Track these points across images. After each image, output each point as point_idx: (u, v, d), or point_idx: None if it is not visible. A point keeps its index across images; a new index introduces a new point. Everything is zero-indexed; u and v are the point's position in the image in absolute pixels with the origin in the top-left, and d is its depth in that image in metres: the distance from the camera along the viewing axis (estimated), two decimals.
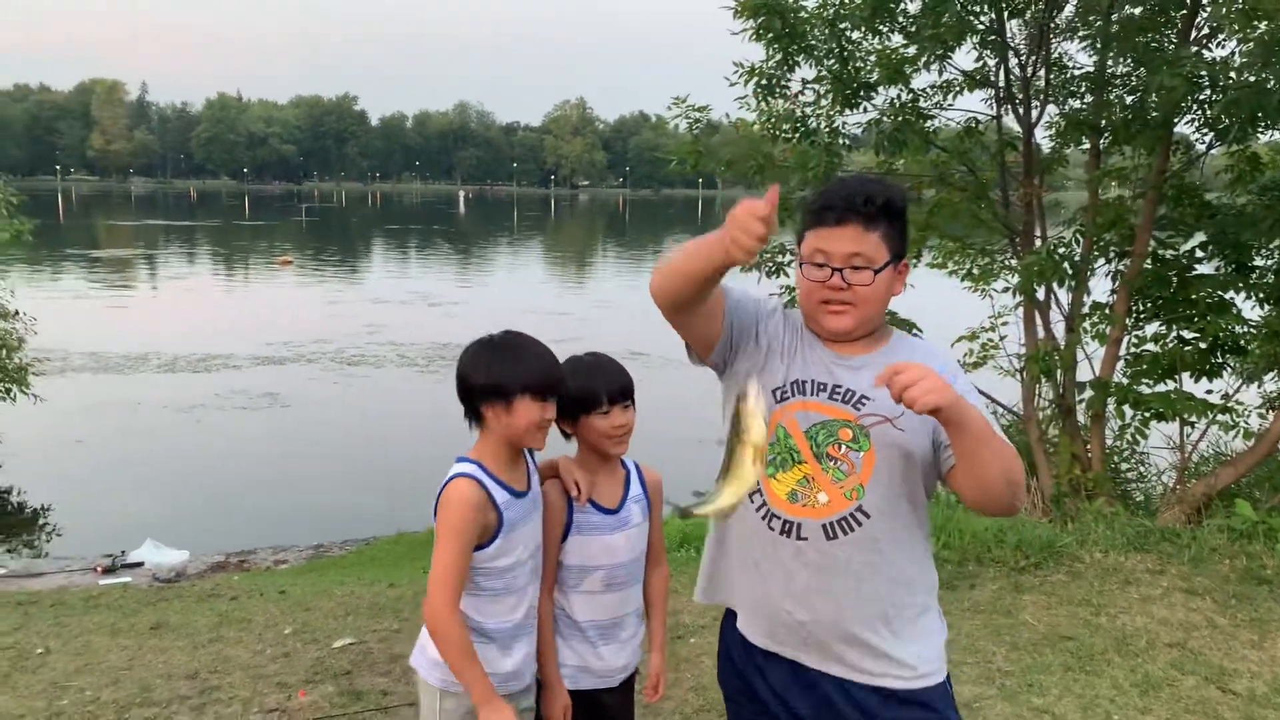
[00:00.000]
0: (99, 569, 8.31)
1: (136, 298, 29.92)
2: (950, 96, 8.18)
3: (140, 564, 8.45)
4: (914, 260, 8.94)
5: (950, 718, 2.10)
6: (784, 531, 2.04)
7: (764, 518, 2.07)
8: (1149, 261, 7.65)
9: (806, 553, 2.03)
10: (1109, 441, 8.28)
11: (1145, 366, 7.82)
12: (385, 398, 15.34)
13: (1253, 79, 6.15)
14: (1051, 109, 8.22)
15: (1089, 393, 7.70)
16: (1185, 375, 7.67)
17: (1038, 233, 8.13)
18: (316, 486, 11.30)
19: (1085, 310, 7.65)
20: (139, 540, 8.80)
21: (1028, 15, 8.03)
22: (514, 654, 2.36)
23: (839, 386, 2.04)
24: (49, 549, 9.68)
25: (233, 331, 21.39)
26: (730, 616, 2.25)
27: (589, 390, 2.46)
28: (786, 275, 8.26)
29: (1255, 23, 6.14)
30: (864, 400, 2.01)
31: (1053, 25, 7.92)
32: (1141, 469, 9.31)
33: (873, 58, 7.80)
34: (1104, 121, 7.76)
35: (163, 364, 18.14)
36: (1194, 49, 6.80)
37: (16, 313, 12.95)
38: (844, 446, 2.01)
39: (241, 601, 5.81)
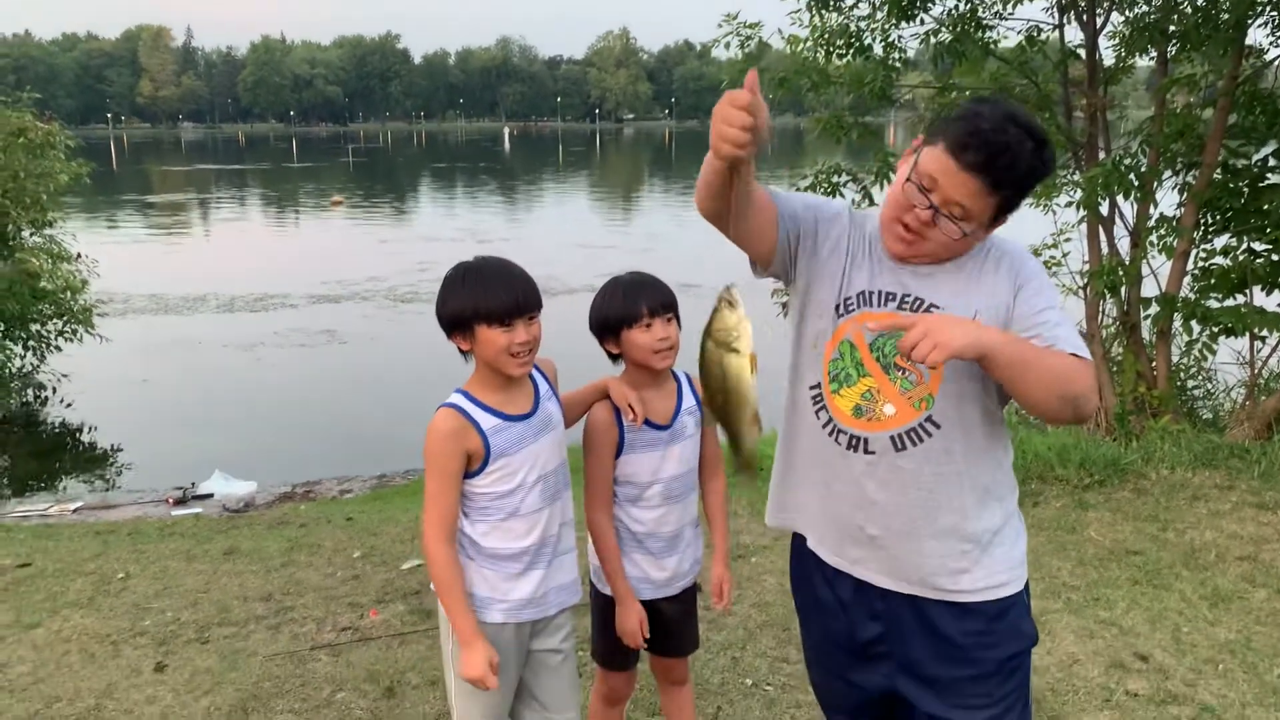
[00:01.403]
0: (170, 501, 8.54)
1: (192, 241, 30.35)
2: (1010, 6, 7.89)
3: (210, 495, 8.66)
4: None
5: (1024, 628, 2.06)
6: (851, 446, 1.99)
7: (830, 434, 2.02)
8: (1218, 172, 7.38)
9: (876, 467, 1.98)
10: (1175, 358, 8.10)
11: (1214, 281, 7.59)
12: (439, 332, 15.40)
13: None
14: (1116, 16, 7.91)
15: (1154, 308, 7.50)
16: (1256, 289, 7.44)
17: (1101, 145, 7.89)
18: (377, 419, 11.46)
19: (1151, 224, 7.42)
20: (207, 473, 9.02)
21: None
22: (529, 580, 2.34)
23: (908, 295, 1.96)
24: (121, 483, 9.96)
25: (288, 271, 21.62)
26: (800, 535, 2.22)
27: (629, 305, 2.46)
28: (842, 196, 8.11)
29: None
30: (934, 308, 1.94)
31: None
32: (1209, 386, 9.09)
33: None
34: (1172, 27, 7.44)
35: (221, 304, 18.43)
36: None
37: (79, 255, 13.21)
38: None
39: (310, 528, 5.95)
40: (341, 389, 13.22)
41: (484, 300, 2.18)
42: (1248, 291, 7.43)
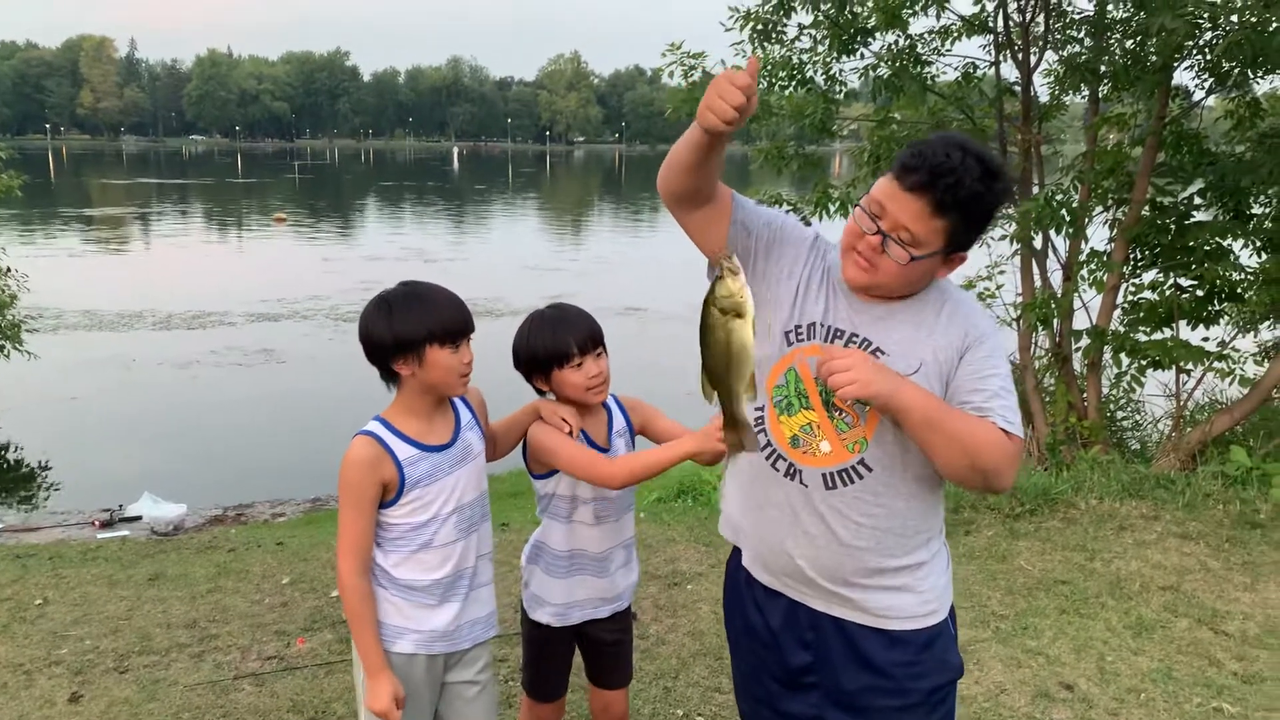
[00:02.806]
0: (96, 523, 8.32)
1: (130, 256, 29.75)
2: (948, 42, 8.07)
3: (138, 518, 8.46)
4: None
5: (951, 659, 2.09)
6: (788, 474, 2.01)
7: (768, 458, 2.03)
8: (1147, 209, 7.60)
9: (807, 499, 2.00)
10: (1105, 390, 8.28)
11: (1142, 314, 7.81)
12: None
13: (1254, 20, 6.07)
14: (1050, 55, 8.13)
15: (1085, 341, 7.69)
16: (1182, 323, 7.66)
17: (1035, 180, 8.07)
18: (313, 441, 11.28)
19: (1083, 258, 7.61)
20: (136, 494, 8.81)
21: None
22: (443, 613, 2.31)
23: (856, 335, 1.97)
24: (46, 504, 9.69)
25: (227, 289, 21.27)
26: (737, 553, 2.23)
27: (557, 343, 2.41)
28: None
29: None
30: (879, 353, 1.95)
31: None
32: (1137, 417, 9.33)
33: (870, 3, 7.68)
34: (1103, 67, 7.66)
35: (157, 321, 18.07)
36: None
37: (8, 269, 12.86)
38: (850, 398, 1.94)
39: (239, 553, 5.82)
40: (278, 409, 13.02)
41: (437, 321, 2.18)
42: (1174, 325, 7.64)
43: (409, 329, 2.17)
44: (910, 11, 7.53)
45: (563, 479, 2.52)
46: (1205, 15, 6.22)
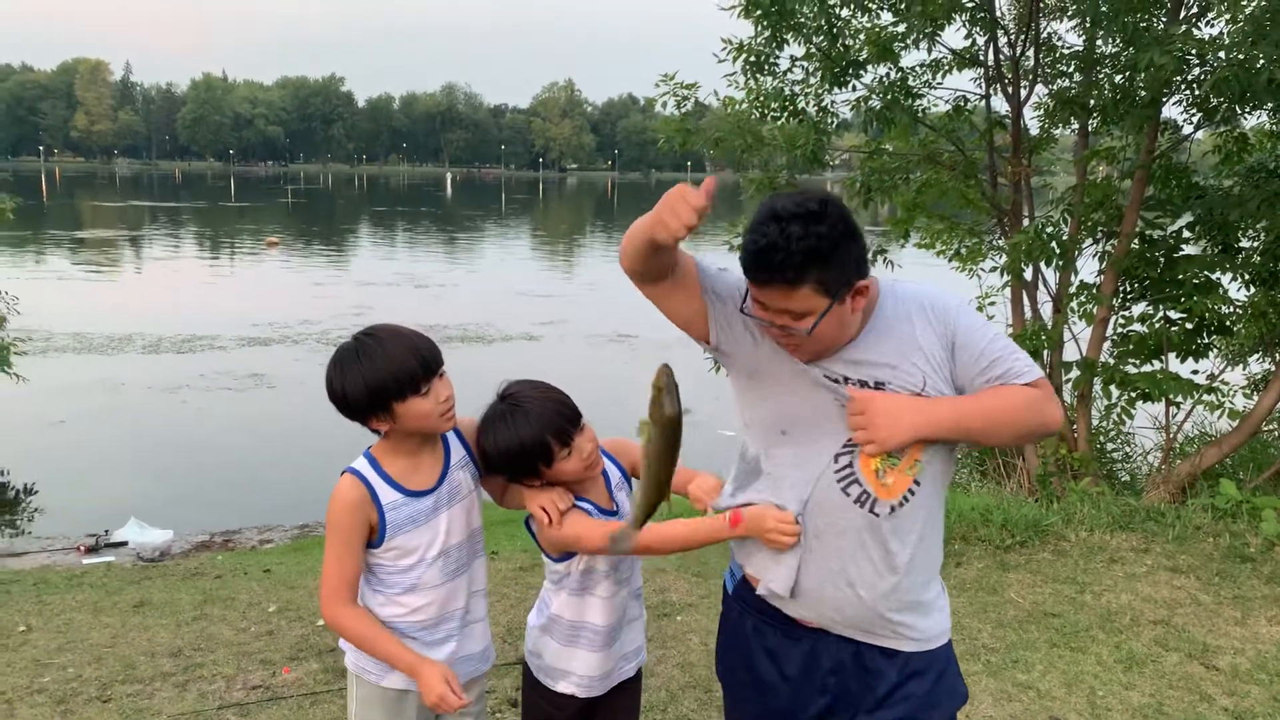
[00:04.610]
0: (82, 549, 8.24)
1: (121, 279, 29.66)
2: (939, 75, 8.16)
3: (124, 543, 8.37)
4: (901, 241, 8.94)
5: (959, 688, 2.13)
6: (859, 501, 1.97)
7: (841, 480, 1.98)
8: (1136, 242, 7.65)
9: (876, 525, 1.98)
10: (1095, 422, 8.31)
11: (1132, 347, 7.84)
12: None
13: (1242, 57, 6.14)
14: (1040, 89, 8.22)
15: (1075, 373, 7.71)
16: (1171, 355, 7.69)
17: (1025, 213, 8.13)
18: (302, 467, 11.22)
19: (1072, 290, 7.65)
20: (123, 520, 8.72)
21: None
22: (434, 652, 2.24)
23: (849, 378, 1.95)
24: (31, 529, 9.59)
25: (218, 313, 21.22)
26: (739, 599, 2.17)
27: (537, 442, 2.20)
28: None
29: (1245, 1, 6.12)
30: (881, 387, 1.94)
31: (1042, 4, 7.89)
32: (1127, 449, 9.35)
33: (862, 35, 7.76)
34: (1092, 101, 7.74)
35: (147, 345, 18.00)
36: (1183, 28, 6.78)
37: None
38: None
39: (226, 580, 5.78)
40: (267, 434, 12.95)
41: (397, 372, 2.09)
42: (1164, 358, 7.67)
43: (366, 391, 2.10)
44: (901, 45, 7.62)
45: (581, 558, 2.34)
46: (1194, 51, 6.31)
